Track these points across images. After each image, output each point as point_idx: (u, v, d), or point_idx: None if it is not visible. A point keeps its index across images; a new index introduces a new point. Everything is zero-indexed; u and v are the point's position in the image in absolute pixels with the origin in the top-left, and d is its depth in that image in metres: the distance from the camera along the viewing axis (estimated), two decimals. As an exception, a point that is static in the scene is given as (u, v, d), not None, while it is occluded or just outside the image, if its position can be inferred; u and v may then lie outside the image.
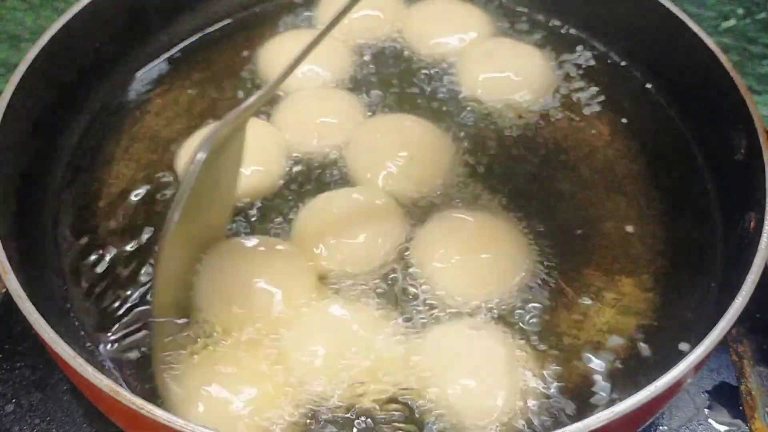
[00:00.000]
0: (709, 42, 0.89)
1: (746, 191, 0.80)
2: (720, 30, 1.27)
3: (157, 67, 1.04)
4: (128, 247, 0.84)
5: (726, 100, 0.85)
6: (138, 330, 0.77)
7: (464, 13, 1.09)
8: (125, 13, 1.01)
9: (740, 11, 1.30)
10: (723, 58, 0.87)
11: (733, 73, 0.85)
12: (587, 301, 0.80)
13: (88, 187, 0.91)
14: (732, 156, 0.85)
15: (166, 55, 1.05)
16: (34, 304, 0.67)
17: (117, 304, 0.79)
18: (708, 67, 0.88)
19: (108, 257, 0.83)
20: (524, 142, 0.94)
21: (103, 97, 0.99)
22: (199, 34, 1.09)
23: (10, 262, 0.71)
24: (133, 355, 0.75)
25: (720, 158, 0.88)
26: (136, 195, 0.89)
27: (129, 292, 0.80)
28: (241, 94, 1.00)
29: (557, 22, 1.09)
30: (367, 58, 1.04)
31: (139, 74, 1.03)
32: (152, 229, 0.85)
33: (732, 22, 1.28)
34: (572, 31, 1.08)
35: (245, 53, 1.06)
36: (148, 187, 0.90)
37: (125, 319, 0.78)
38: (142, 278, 0.81)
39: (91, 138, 0.95)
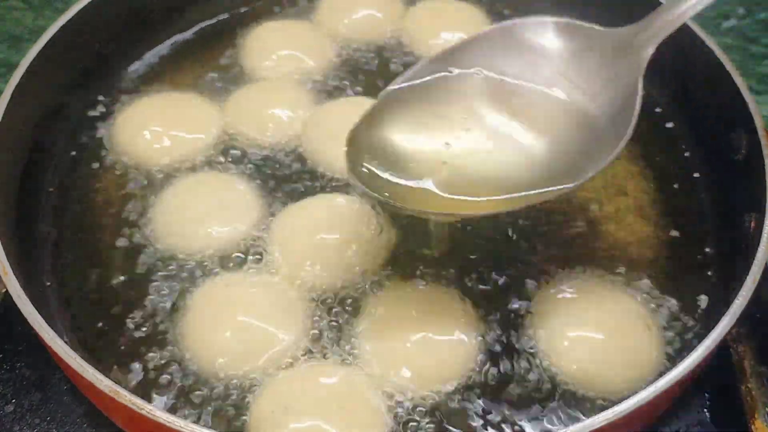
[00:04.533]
0: (710, 42, 0.89)
1: (746, 191, 0.80)
2: (720, 30, 1.27)
3: (157, 65, 1.04)
4: (127, 244, 0.84)
5: (726, 100, 0.85)
6: (137, 328, 0.77)
7: (464, 13, 1.09)
8: (125, 13, 1.01)
9: (740, 11, 1.30)
10: (723, 58, 0.87)
11: (733, 73, 0.85)
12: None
13: (88, 186, 0.90)
14: (732, 156, 0.85)
15: (167, 53, 1.05)
16: (34, 305, 0.68)
17: (117, 303, 0.79)
18: (708, 66, 0.88)
19: (108, 256, 0.83)
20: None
21: (104, 97, 0.99)
22: (199, 32, 1.09)
23: (10, 262, 0.71)
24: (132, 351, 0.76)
25: (720, 158, 0.88)
26: (135, 193, 0.89)
27: (129, 291, 0.80)
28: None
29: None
30: (365, 57, 1.04)
31: (139, 73, 1.03)
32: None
33: (732, 22, 1.28)
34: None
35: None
36: (145, 183, 0.90)
37: (126, 319, 0.78)
38: (140, 276, 0.81)
39: (92, 137, 0.95)
